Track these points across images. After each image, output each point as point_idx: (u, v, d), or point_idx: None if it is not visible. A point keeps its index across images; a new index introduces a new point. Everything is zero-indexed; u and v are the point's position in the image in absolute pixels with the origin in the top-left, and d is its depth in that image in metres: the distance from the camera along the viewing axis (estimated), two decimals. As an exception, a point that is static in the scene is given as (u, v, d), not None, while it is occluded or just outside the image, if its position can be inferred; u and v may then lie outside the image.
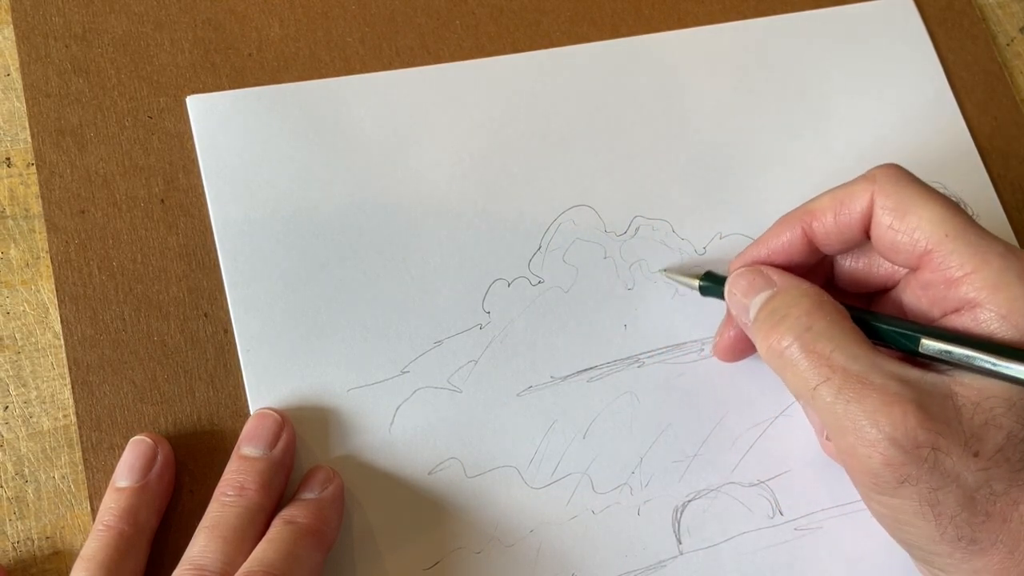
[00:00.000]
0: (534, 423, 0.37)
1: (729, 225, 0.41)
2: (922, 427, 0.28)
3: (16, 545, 0.33)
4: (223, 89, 0.39)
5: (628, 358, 0.38)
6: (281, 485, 0.34)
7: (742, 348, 0.37)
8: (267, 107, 0.39)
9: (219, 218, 0.37)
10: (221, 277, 0.36)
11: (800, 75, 0.44)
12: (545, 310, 0.38)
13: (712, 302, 0.39)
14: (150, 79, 0.39)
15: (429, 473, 0.35)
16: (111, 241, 0.36)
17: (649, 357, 0.38)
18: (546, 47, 0.42)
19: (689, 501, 0.37)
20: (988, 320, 0.30)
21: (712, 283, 0.37)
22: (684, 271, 0.39)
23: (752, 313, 0.34)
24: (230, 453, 0.34)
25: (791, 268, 0.35)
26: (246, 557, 0.31)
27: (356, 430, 0.35)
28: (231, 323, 0.36)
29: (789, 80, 0.44)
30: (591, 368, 0.38)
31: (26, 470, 0.34)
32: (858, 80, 0.44)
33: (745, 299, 0.34)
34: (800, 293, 0.33)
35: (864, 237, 0.33)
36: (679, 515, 0.37)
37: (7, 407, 0.35)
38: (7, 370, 0.35)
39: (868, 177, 0.33)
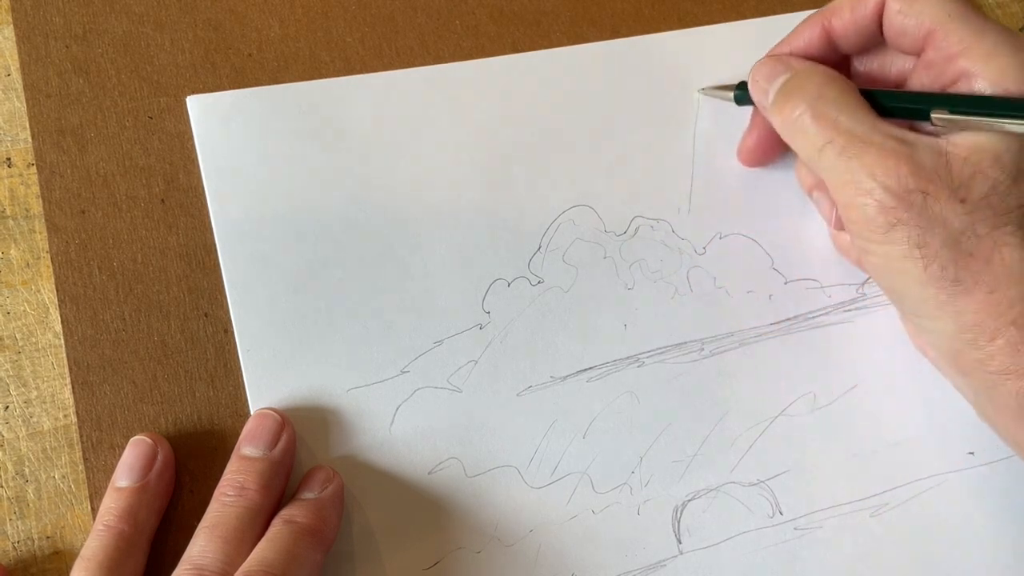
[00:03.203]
0: (534, 423, 0.37)
1: (729, 225, 0.41)
2: (913, 175, 0.32)
3: (16, 545, 0.33)
4: (223, 89, 0.39)
5: (628, 358, 0.38)
6: (281, 485, 0.34)
7: (763, 150, 0.41)
8: (267, 107, 0.39)
9: (219, 218, 0.37)
10: (221, 277, 0.36)
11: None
12: (545, 310, 0.38)
13: (715, 298, 0.39)
14: (150, 79, 0.39)
15: (429, 473, 0.35)
16: (111, 241, 0.36)
17: (649, 357, 0.38)
18: (546, 47, 0.42)
19: (689, 501, 0.37)
20: (981, 87, 0.33)
21: (745, 91, 0.39)
22: (720, 87, 0.42)
23: (771, 96, 0.37)
24: (230, 453, 0.34)
25: None
26: (246, 557, 0.31)
27: (356, 430, 0.35)
28: (231, 323, 0.36)
29: (789, 80, 0.44)
30: (591, 368, 0.38)
31: (26, 470, 0.34)
32: (858, 80, 0.44)
33: (766, 84, 0.37)
34: (814, 71, 0.36)
35: (878, 32, 0.36)
36: (679, 515, 0.37)
37: (7, 407, 0.35)
38: (7, 370, 0.35)
39: None
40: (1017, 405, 0.32)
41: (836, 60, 0.38)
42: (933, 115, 0.33)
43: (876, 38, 0.37)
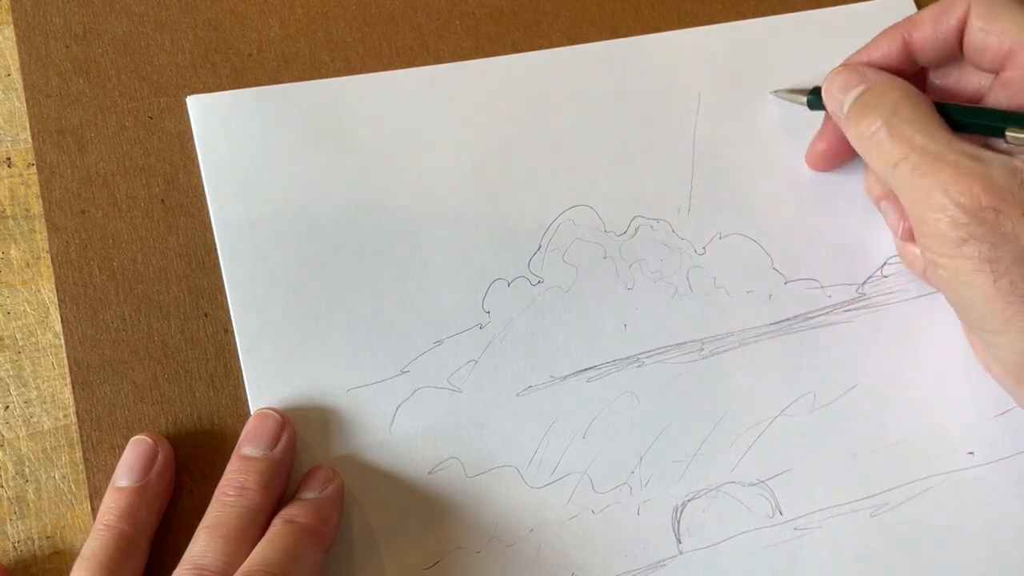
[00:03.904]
0: (534, 423, 0.37)
1: (729, 225, 0.41)
2: (986, 193, 0.32)
3: (16, 545, 0.33)
4: (223, 89, 0.39)
5: (628, 358, 0.38)
6: (281, 485, 0.34)
7: (832, 156, 0.41)
8: (267, 107, 0.39)
9: (219, 218, 0.37)
10: (221, 277, 0.36)
11: (800, 75, 0.44)
12: (545, 310, 0.38)
13: (715, 298, 0.39)
14: (150, 79, 0.39)
15: (429, 473, 0.35)
16: (111, 241, 0.36)
17: (649, 357, 0.38)
18: (546, 47, 0.42)
19: (689, 501, 0.37)
20: None
21: (819, 97, 0.39)
22: (793, 90, 0.42)
23: (846, 106, 0.37)
24: (230, 453, 0.34)
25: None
26: (246, 557, 0.31)
27: (356, 430, 0.35)
28: (231, 323, 0.36)
29: (789, 80, 0.44)
30: (591, 368, 0.38)
31: (27, 470, 0.34)
32: (858, 80, 0.44)
33: (841, 94, 0.37)
34: (890, 86, 0.36)
35: (958, 47, 0.37)
36: (679, 515, 0.37)
37: (8, 407, 0.35)
38: (8, 370, 0.35)
39: None
40: None
41: (912, 72, 0.38)
42: (1008, 133, 0.34)
43: (955, 53, 0.37)
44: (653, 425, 0.37)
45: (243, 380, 0.35)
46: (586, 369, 0.38)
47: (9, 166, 0.37)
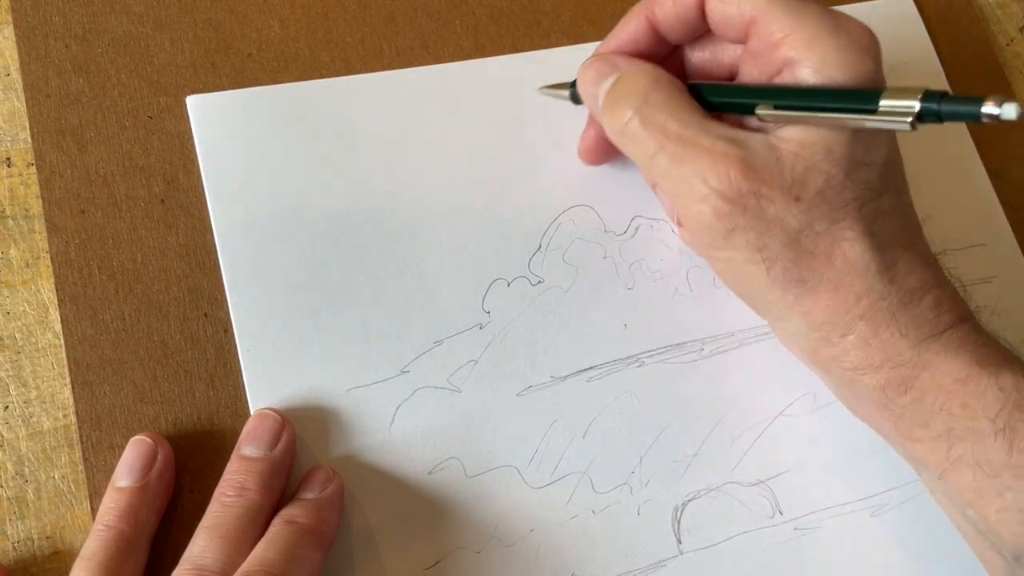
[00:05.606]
0: (534, 423, 0.37)
1: (729, 225, 0.41)
2: (745, 178, 0.31)
3: (16, 545, 0.33)
4: (223, 89, 0.39)
5: (628, 358, 0.38)
6: (281, 485, 0.34)
7: (603, 149, 0.39)
8: (267, 107, 0.39)
9: (219, 218, 0.37)
10: (221, 277, 0.36)
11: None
12: (545, 310, 0.38)
13: (715, 298, 0.39)
14: (150, 79, 0.39)
15: (429, 473, 0.35)
16: (111, 241, 0.36)
17: (649, 357, 0.38)
18: (546, 47, 0.42)
19: (689, 501, 0.37)
20: (805, 76, 0.31)
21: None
22: (557, 85, 0.39)
23: (600, 100, 0.35)
24: (230, 453, 0.34)
25: (644, 60, 0.36)
26: (246, 557, 0.31)
27: (356, 430, 0.35)
28: (231, 323, 0.36)
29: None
30: (591, 368, 0.38)
31: (26, 470, 0.34)
32: (858, 80, 0.44)
33: (594, 87, 0.35)
34: (640, 71, 0.34)
35: (703, 21, 0.34)
36: (679, 515, 0.37)
37: (7, 407, 0.35)
38: (7, 370, 0.35)
39: None
40: (876, 399, 0.32)
41: (667, 52, 0.36)
42: (758, 111, 0.32)
43: (703, 27, 0.35)
44: (653, 425, 0.37)
45: (243, 380, 0.35)
46: (586, 369, 0.38)
47: (9, 166, 0.37)
